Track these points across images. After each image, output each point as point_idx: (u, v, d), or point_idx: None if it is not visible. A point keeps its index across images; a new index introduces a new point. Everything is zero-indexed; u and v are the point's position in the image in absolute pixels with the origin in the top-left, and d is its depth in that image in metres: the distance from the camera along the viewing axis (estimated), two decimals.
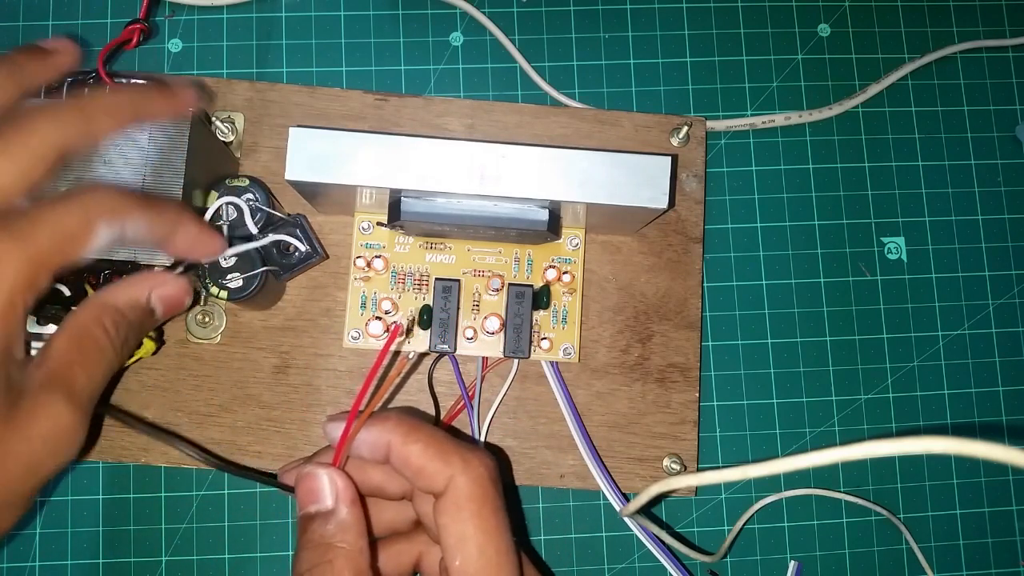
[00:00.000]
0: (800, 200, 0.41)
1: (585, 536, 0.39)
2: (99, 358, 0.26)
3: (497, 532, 0.26)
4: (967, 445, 0.18)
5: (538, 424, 0.38)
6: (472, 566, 0.25)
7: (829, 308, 0.41)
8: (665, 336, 0.38)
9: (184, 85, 0.30)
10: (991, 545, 0.40)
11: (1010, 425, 0.41)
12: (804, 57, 0.43)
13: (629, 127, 0.39)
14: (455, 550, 0.26)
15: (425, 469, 0.27)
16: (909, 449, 0.19)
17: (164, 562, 0.38)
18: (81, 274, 0.30)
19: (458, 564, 0.26)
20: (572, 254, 0.38)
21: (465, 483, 0.26)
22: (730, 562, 0.39)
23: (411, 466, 0.27)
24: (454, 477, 0.26)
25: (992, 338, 0.41)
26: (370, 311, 0.37)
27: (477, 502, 0.26)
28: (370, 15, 0.42)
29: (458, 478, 0.26)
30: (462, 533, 0.26)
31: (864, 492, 0.40)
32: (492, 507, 0.26)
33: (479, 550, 0.26)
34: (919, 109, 0.42)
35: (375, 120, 0.39)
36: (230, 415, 0.37)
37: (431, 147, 0.30)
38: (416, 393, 0.38)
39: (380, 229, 0.37)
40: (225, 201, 0.33)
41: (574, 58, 0.42)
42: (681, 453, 0.38)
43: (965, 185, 0.42)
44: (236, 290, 0.33)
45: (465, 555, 0.26)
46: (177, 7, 0.41)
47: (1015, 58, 0.43)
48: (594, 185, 0.31)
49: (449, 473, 0.26)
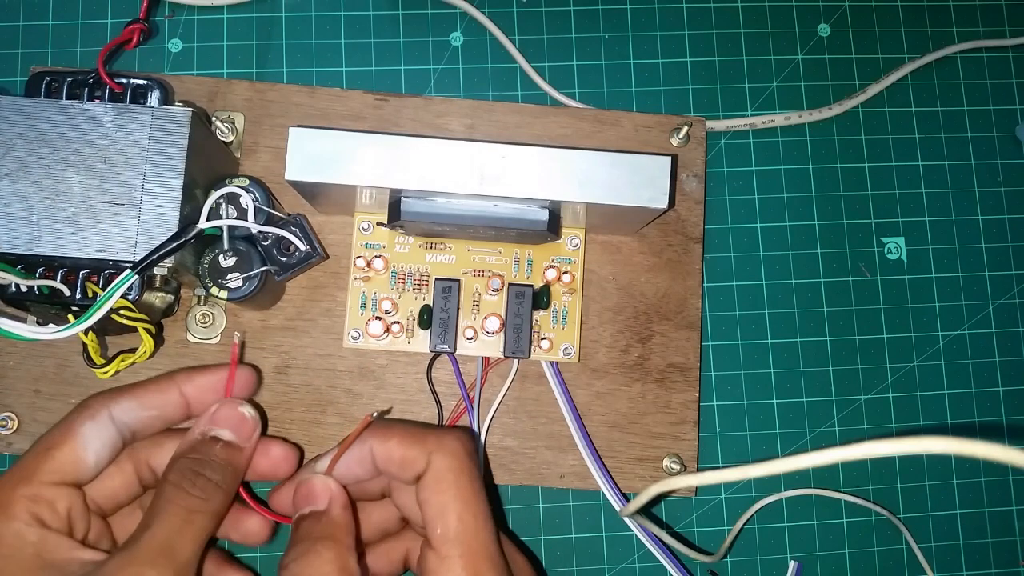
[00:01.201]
0: (800, 200, 0.41)
1: (585, 536, 0.39)
2: (186, 518, 0.27)
3: (474, 500, 0.27)
4: (967, 445, 0.18)
5: (538, 424, 0.38)
6: (452, 531, 0.27)
7: (829, 308, 0.41)
8: (665, 336, 0.38)
9: None
10: (991, 545, 0.40)
11: (1010, 425, 0.41)
12: (804, 57, 0.43)
13: (629, 127, 0.39)
14: (436, 521, 0.27)
15: (405, 457, 0.28)
16: (909, 449, 0.19)
17: None
18: (78, 273, 0.30)
19: (439, 532, 0.27)
20: (572, 254, 0.38)
21: (442, 459, 0.28)
22: (730, 562, 0.39)
23: (394, 459, 0.28)
24: (432, 455, 0.28)
25: (992, 338, 0.41)
26: (370, 311, 0.37)
27: (454, 473, 0.27)
28: (370, 15, 0.42)
29: (435, 455, 0.28)
30: (442, 504, 0.27)
31: (864, 492, 0.40)
32: (468, 477, 0.28)
33: (458, 518, 0.27)
34: (919, 109, 0.42)
35: (375, 120, 0.39)
36: None
37: (431, 147, 0.30)
38: (416, 393, 0.38)
39: (380, 229, 0.37)
40: (225, 192, 0.32)
41: (574, 58, 0.42)
42: (681, 453, 0.38)
43: (965, 185, 0.42)
44: (236, 290, 0.33)
45: (445, 523, 0.27)
46: (177, 7, 0.41)
47: (1015, 58, 0.43)
48: (594, 185, 0.31)
49: (427, 452, 0.28)
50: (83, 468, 0.28)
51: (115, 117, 0.31)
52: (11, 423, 0.36)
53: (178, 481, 0.27)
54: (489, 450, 0.37)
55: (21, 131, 0.30)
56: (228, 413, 0.30)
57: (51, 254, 0.30)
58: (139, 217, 0.30)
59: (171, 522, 0.26)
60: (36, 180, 0.30)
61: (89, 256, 0.30)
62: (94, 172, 0.30)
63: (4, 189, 0.30)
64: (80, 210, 0.30)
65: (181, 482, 0.27)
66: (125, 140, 0.30)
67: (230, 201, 0.33)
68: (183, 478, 0.28)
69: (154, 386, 0.30)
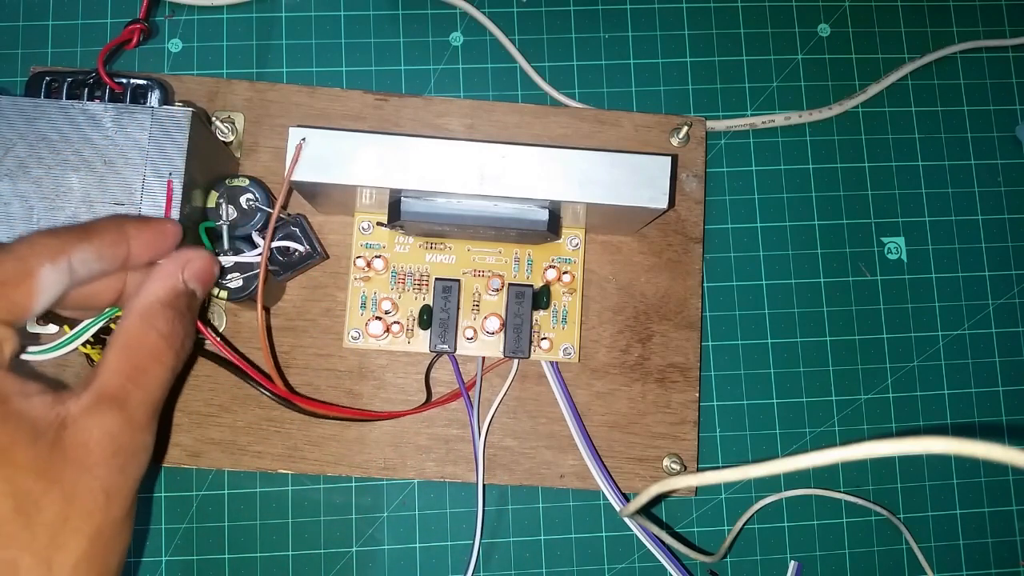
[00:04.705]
0: (800, 200, 0.41)
1: (585, 536, 0.39)
2: (154, 363, 0.26)
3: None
4: (967, 445, 0.18)
5: (538, 424, 0.38)
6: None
7: (829, 308, 0.41)
8: (665, 336, 0.38)
9: None
10: (991, 545, 0.40)
11: (1010, 425, 0.41)
12: (804, 57, 0.43)
13: (629, 127, 0.39)
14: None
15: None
16: (909, 449, 0.19)
17: (164, 562, 0.38)
18: None
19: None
20: (572, 254, 0.38)
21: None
22: (730, 562, 0.39)
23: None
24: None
25: (992, 338, 0.41)
26: (370, 311, 0.37)
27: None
28: (370, 15, 0.42)
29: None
30: None
31: (864, 492, 0.40)
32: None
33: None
34: (919, 109, 0.42)
35: (375, 120, 0.39)
36: (230, 415, 0.37)
37: (431, 147, 0.30)
38: (415, 393, 0.38)
39: (380, 229, 0.37)
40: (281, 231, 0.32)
41: (574, 58, 0.42)
42: (681, 453, 0.38)
43: (965, 185, 0.42)
44: (236, 290, 0.33)
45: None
46: (177, 7, 0.41)
47: (1015, 58, 0.43)
48: (594, 185, 0.31)
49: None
50: (31, 313, 0.25)
51: (115, 117, 0.30)
52: None
53: (168, 332, 0.27)
54: (489, 450, 0.37)
55: (21, 131, 0.30)
56: (204, 267, 0.29)
57: None
58: None
59: (158, 374, 0.26)
60: (36, 180, 0.30)
61: None
62: (94, 172, 0.30)
63: (4, 189, 0.30)
64: (80, 210, 0.30)
65: (170, 333, 0.27)
66: (125, 140, 0.30)
67: (230, 200, 0.33)
68: (171, 329, 0.27)
69: (108, 237, 0.27)
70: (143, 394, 0.25)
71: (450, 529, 0.39)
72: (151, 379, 0.26)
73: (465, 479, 0.37)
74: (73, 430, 0.23)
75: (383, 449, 0.37)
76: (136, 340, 0.26)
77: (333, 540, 0.38)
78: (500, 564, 0.39)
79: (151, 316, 0.27)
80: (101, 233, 0.27)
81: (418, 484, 0.39)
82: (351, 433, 0.37)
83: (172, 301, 0.27)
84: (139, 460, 0.25)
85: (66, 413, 0.24)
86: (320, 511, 0.39)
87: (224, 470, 0.38)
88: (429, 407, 0.37)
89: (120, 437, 0.24)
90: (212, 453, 0.37)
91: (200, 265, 0.29)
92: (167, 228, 0.29)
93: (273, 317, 0.37)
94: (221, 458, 0.37)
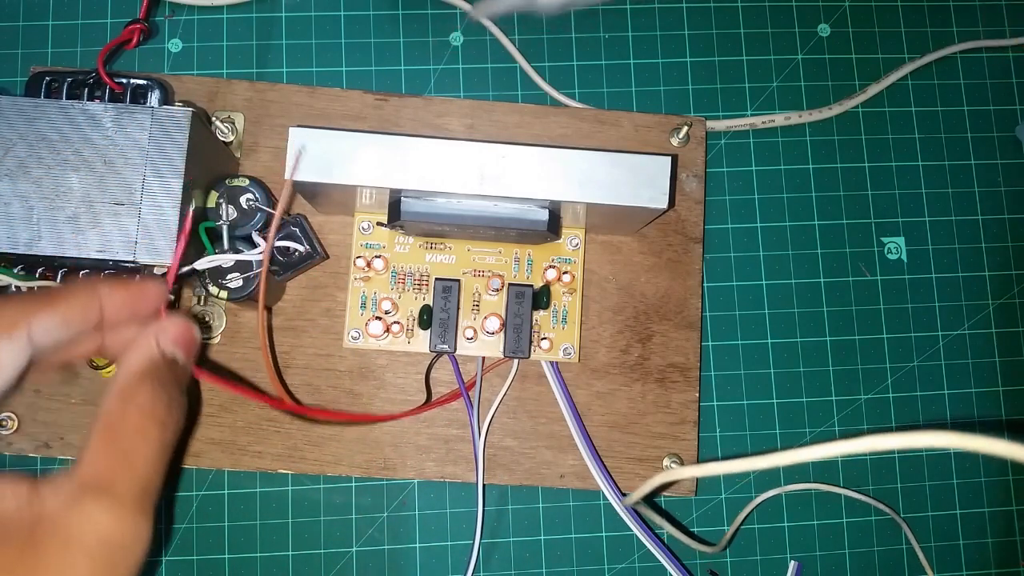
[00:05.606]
0: (800, 200, 0.42)
1: (585, 536, 0.39)
2: (139, 441, 0.24)
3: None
4: (968, 440, 0.18)
5: (538, 424, 0.38)
6: None
7: (829, 308, 0.41)
8: (665, 336, 0.38)
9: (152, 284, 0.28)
10: (991, 545, 0.40)
11: (1010, 425, 0.41)
12: (804, 57, 0.43)
13: (629, 127, 0.39)
14: None
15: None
16: (911, 443, 0.19)
17: (164, 562, 0.38)
18: (79, 273, 0.30)
19: None
20: (572, 254, 0.38)
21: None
22: (730, 562, 0.39)
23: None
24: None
25: (992, 338, 0.41)
26: (370, 311, 0.37)
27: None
28: (370, 15, 0.42)
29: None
30: None
31: (864, 492, 0.40)
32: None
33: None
34: (919, 109, 0.42)
35: (375, 120, 0.39)
36: (230, 415, 0.37)
37: (431, 147, 0.30)
38: (415, 393, 0.38)
39: (380, 229, 0.37)
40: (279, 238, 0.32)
41: (574, 58, 0.42)
42: (681, 453, 0.38)
43: (965, 185, 0.42)
44: (236, 290, 0.33)
45: None
46: (177, 7, 0.41)
47: (1015, 58, 0.43)
48: (594, 185, 0.31)
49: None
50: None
51: (115, 117, 0.31)
52: (11, 423, 0.36)
53: (149, 406, 0.24)
54: (489, 450, 0.37)
55: (21, 131, 0.30)
56: (180, 332, 0.27)
57: (51, 254, 0.30)
58: (139, 217, 0.30)
59: (145, 452, 0.24)
60: (36, 180, 0.30)
61: (89, 256, 0.30)
62: (94, 172, 0.30)
63: (4, 189, 0.30)
64: (80, 210, 0.30)
65: (152, 407, 0.24)
66: (125, 140, 0.30)
67: (230, 200, 0.33)
68: (153, 402, 0.25)
69: (76, 301, 0.26)
70: (131, 477, 0.23)
71: (450, 529, 0.39)
72: (138, 459, 0.23)
73: (465, 479, 0.37)
74: (51, 527, 0.21)
75: (383, 449, 0.37)
76: (116, 419, 0.24)
77: (333, 540, 0.38)
78: (500, 564, 0.39)
79: (129, 392, 0.25)
80: (68, 299, 0.26)
81: (418, 484, 0.39)
82: (351, 433, 0.37)
83: (150, 372, 0.25)
84: (133, 552, 0.22)
85: (41, 508, 0.21)
86: (320, 511, 0.39)
87: (224, 470, 0.38)
88: (429, 407, 0.37)
89: (107, 529, 0.22)
90: (212, 453, 0.37)
91: (175, 331, 0.27)
92: (147, 289, 0.28)
93: (273, 317, 0.37)
94: (221, 458, 0.37)
